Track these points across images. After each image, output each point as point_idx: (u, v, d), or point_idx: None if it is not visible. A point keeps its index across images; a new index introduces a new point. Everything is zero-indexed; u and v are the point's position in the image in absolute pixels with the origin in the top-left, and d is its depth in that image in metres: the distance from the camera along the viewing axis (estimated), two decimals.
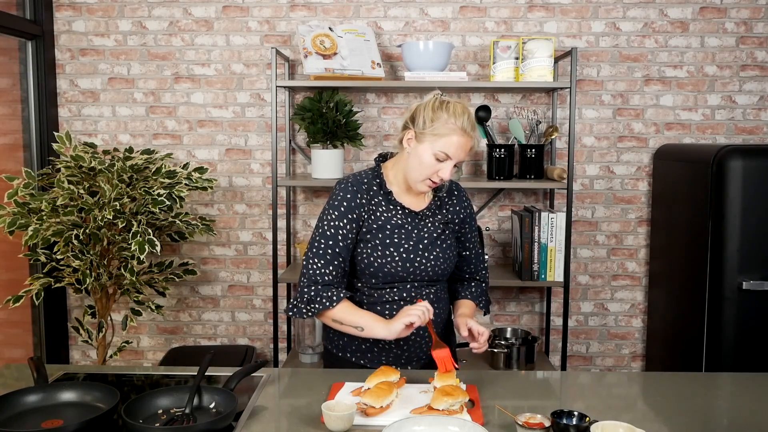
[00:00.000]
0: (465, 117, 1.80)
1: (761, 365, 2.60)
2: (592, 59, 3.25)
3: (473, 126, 1.82)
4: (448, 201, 1.99)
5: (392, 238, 1.86)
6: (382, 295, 1.89)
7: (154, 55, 3.29)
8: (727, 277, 2.59)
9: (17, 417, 1.54)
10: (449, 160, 1.80)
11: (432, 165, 1.81)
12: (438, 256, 1.90)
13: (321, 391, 1.75)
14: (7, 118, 3.17)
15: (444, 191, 1.98)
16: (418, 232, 1.89)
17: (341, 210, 1.85)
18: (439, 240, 1.92)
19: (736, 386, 1.88)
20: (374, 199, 1.89)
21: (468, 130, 1.80)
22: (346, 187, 1.88)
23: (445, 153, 1.79)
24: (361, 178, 1.91)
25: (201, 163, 3.32)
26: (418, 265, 1.87)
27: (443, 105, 1.81)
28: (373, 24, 3.24)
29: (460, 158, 1.82)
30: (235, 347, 3.30)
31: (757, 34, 3.22)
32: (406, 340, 1.91)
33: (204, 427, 1.47)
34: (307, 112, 3.07)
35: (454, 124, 1.79)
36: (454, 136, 1.78)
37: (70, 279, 2.76)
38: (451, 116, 1.79)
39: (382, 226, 1.87)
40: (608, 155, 3.31)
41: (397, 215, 1.89)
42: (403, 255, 1.86)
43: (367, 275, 1.88)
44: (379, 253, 1.85)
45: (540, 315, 3.42)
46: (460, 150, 1.80)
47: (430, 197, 1.97)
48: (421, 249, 1.88)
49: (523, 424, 1.45)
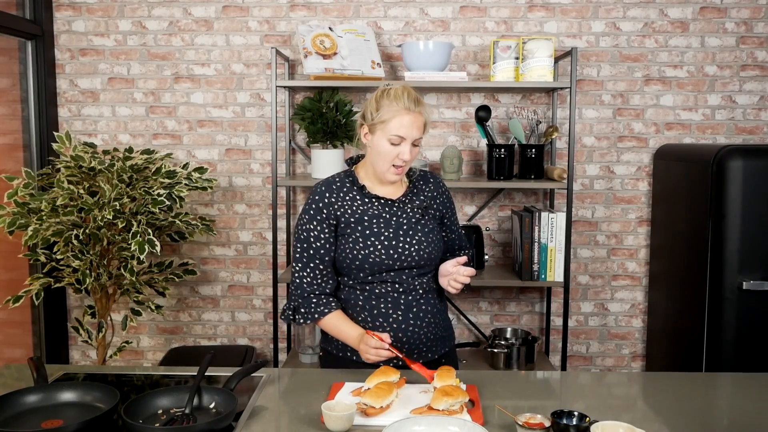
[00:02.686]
0: (405, 96, 1.86)
1: (761, 365, 2.60)
2: (592, 59, 3.25)
3: (417, 101, 1.87)
4: (424, 187, 2.02)
5: (371, 228, 1.89)
6: (373, 289, 1.91)
7: (154, 55, 3.29)
8: (727, 277, 2.59)
9: (17, 417, 1.54)
10: (404, 141, 1.85)
11: (390, 151, 1.86)
12: (420, 240, 1.92)
13: (321, 391, 1.75)
14: (7, 118, 3.17)
15: (417, 176, 2.02)
16: (397, 219, 1.92)
17: (311, 213, 1.92)
18: (419, 225, 1.94)
19: (736, 386, 1.88)
20: (348, 195, 1.93)
21: (411, 107, 1.85)
22: (315, 191, 1.94)
23: (398, 135, 1.85)
24: (332, 179, 1.97)
25: (201, 163, 3.32)
26: (401, 251, 1.89)
27: (384, 93, 1.89)
28: (373, 24, 3.24)
29: (414, 136, 1.86)
30: (235, 347, 3.30)
31: (757, 34, 3.22)
32: (401, 339, 1.91)
33: (204, 427, 1.47)
34: (307, 112, 3.07)
35: (396, 106, 1.84)
36: (399, 117, 1.84)
37: (70, 279, 2.76)
38: (393, 100, 1.85)
39: (359, 218, 1.90)
40: (608, 155, 3.31)
41: (373, 206, 1.93)
42: (384, 243, 1.88)
43: (355, 270, 1.90)
44: (361, 245, 1.88)
45: (540, 315, 3.42)
46: (411, 128, 1.85)
47: (405, 184, 2.00)
48: (402, 234, 1.90)
49: (523, 424, 1.45)
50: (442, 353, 2.02)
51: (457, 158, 3.03)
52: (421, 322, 1.93)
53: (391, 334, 1.88)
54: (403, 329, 1.91)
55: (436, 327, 1.98)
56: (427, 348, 1.97)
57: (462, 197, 3.34)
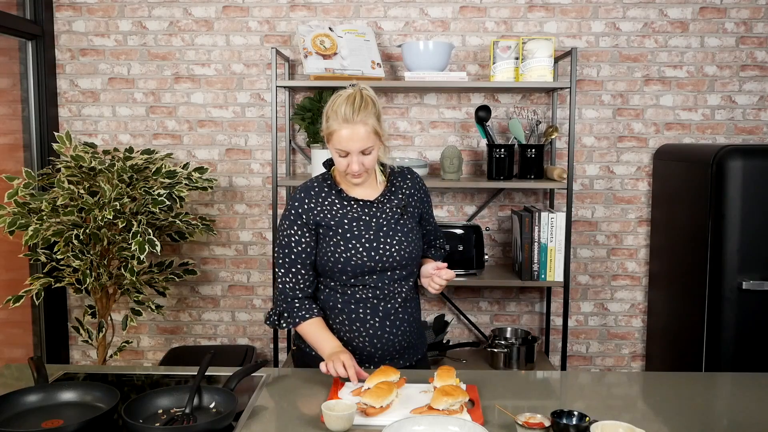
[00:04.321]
0: (344, 107, 1.77)
1: (761, 365, 2.60)
2: (592, 59, 3.25)
3: (357, 109, 1.77)
4: (402, 185, 1.99)
5: (352, 231, 1.89)
6: (354, 293, 1.91)
7: (154, 55, 3.29)
8: (727, 277, 2.60)
9: (17, 417, 1.54)
10: (350, 153, 1.80)
11: (340, 161, 1.83)
12: (401, 240, 1.91)
13: (321, 391, 1.75)
14: (7, 118, 3.17)
15: (394, 173, 1.98)
16: (376, 220, 1.91)
17: (291, 219, 1.91)
18: (398, 225, 1.92)
19: (736, 386, 1.88)
20: (327, 199, 1.92)
21: (350, 117, 1.76)
22: (294, 196, 1.94)
23: (340, 149, 1.80)
24: (311, 184, 1.95)
25: (201, 163, 3.32)
26: (382, 252, 1.88)
27: (331, 102, 1.81)
28: (373, 24, 3.24)
29: (356, 149, 1.79)
30: (235, 347, 3.30)
31: (757, 34, 3.22)
32: (376, 345, 1.92)
33: (204, 427, 1.47)
34: (307, 112, 3.07)
35: (336, 118, 1.78)
36: (338, 131, 1.78)
37: (70, 279, 2.76)
38: (335, 111, 1.78)
39: (339, 222, 1.89)
40: (608, 155, 3.31)
41: (352, 209, 1.91)
42: (365, 245, 1.88)
43: (338, 273, 1.90)
44: (342, 248, 1.87)
45: (540, 315, 3.42)
46: (350, 142, 1.78)
47: (383, 183, 1.96)
48: (382, 236, 1.89)
49: (523, 424, 1.45)
50: (415, 360, 2.03)
51: (457, 158, 3.04)
52: (397, 330, 1.94)
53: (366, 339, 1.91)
54: (378, 336, 1.91)
55: (411, 335, 1.99)
56: (399, 355, 1.97)
57: (462, 197, 3.34)
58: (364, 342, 1.92)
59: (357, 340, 1.92)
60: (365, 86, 1.86)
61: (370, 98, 1.82)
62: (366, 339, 1.91)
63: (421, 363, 2.06)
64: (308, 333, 1.91)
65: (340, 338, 1.92)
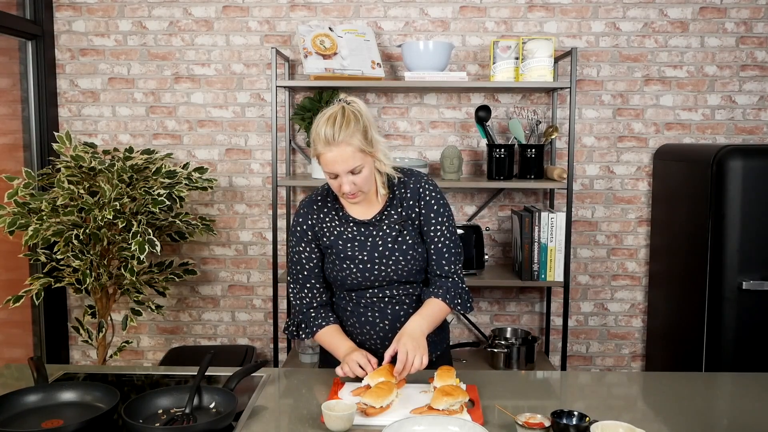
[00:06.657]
0: (325, 127, 1.70)
1: (761, 365, 2.60)
2: (592, 59, 3.25)
3: (339, 128, 1.69)
4: (403, 196, 1.88)
5: (346, 252, 1.87)
6: (360, 299, 1.91)
7: (154, 55, 3.29)
8: (727, 277, 2.59)
9: (17, 417, 1.54)
10: (339, 175, 1.74)
11: (332, 183, 1.80)
12: (398, 259, 1.86)
13: (321, 391, 1.75)
14: (7, 118, 3.17)
15: (397, 183, 1.88)
16: (372, 240, 1.87)
17: (297, 235, 1.92)
18: (396, 243, 1.86)
19: (736, 386, 1.88)
20: (328, 216, 1.91)
21: (331, 138, 1.69)
22: (298, 212, 1.94)
23: (329, 172, 1.75)
24: (315, 197, 1.94)
25: (201, 163, 3.32)
26: (378, 273, 1.87)
27: (315, 124, 1.74)
28: (373, 24, 3.24)
29: (344, 170, 1.72)
30: (235, 347, 3.30)
31: (757, 34, 3.22)
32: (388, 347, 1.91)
33: (204, 427, 1.47)
34: (307, 112, 3.07)
35: (319, 140, 1.72)
36: (323, 154, 1.72)
37: (70, 279, 2.76)
38: (317, 134, 1.72)
39: (335, 241, 1.89)
40: (608, 155, 3.31)
41: (348, 229, 1.89)
42: (359, 266, 1.86)
43: (339, 285, 1.92)
44: (338, 266, 1.88)
45: (540, 315, 3.42)
46: (336, 164, 1.71)
47: (384, 197, 1.88)
48: (377, 257, 1.86)
49: (523, 424, 1.45)
50: (435, 356, 2.00)
51: (457, 158, 3.04)
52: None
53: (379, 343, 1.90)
54: (390, 338, 1.88)
55: None
56: None
57: (462, 197, 3.34)
58: (376, 344, 1.92)
59: (369, 342, 1.92)
60: (352, 100, 1.78)
61: (353, 114, 1.72)
62: (378, 341, 1.91)
63: (442, 359, 2.01)
64: (324, 340, 1.92)
65: (354, 340, 1.92)
